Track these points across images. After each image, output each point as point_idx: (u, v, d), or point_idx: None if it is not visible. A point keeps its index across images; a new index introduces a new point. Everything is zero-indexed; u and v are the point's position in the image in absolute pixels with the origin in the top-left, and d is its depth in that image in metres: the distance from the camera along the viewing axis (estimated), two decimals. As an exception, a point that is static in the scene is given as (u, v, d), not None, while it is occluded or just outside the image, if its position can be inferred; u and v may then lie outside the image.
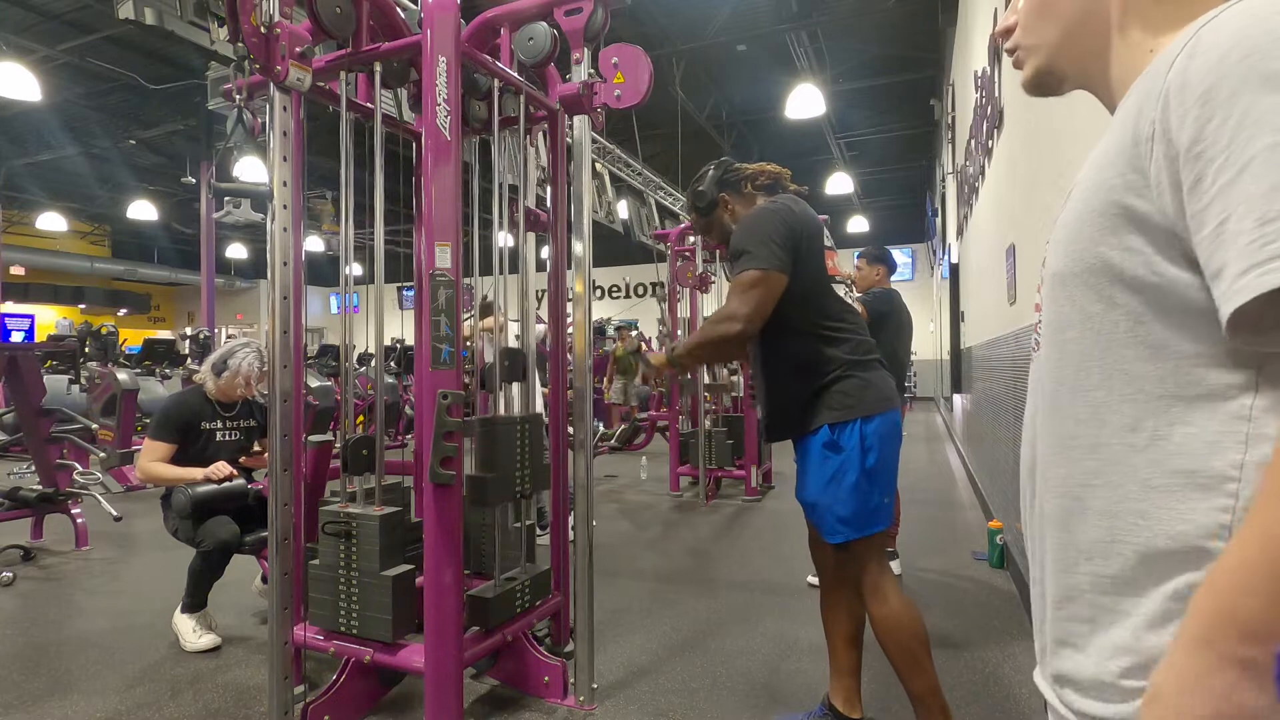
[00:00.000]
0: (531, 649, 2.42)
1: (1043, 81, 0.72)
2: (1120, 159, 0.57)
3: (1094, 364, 0.61)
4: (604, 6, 2.12)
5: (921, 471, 6.97)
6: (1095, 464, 0.61)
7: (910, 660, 1.87)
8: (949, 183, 8.73)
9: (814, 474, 1.91)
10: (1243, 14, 0.50)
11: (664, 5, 7.56)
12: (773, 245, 1.85)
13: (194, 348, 10.43)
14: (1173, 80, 0.52)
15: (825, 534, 1.92)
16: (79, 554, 4.20)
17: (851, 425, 1.88)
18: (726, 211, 2.13)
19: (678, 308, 6.12)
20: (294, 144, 2.05)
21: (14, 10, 7.73)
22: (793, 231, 1.89)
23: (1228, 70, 0.49)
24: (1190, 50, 0.52)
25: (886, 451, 1.92)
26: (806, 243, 1.92)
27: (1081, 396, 0.62)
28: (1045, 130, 2.86)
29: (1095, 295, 0.60)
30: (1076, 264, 0.61)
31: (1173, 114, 0.52)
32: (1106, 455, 0.60)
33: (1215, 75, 0.50)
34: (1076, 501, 0.63)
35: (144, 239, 18.39)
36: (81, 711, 2.34)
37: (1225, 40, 0.50)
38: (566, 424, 2.58)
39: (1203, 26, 0.52)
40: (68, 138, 11.65)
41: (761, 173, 2.11)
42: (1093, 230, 0.59)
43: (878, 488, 1.90)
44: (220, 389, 3.02)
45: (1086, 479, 0.62)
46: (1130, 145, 0.56)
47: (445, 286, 1.99)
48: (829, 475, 1.88)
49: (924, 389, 16.57)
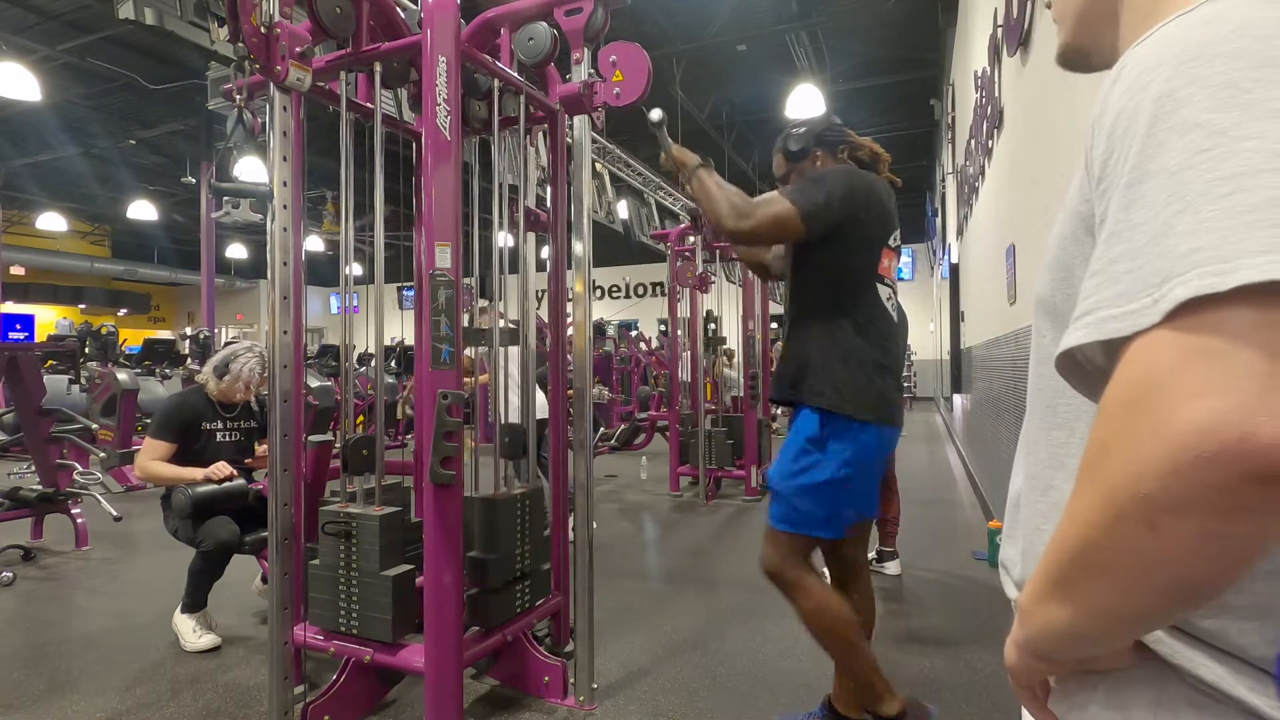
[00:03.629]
0: (531, 649, 2.41)
1: (1069, 57, 0.65)
2: (1080, 179, 0.53)
3: (1061, 401, 0.57)
4: (604, 6, 2.12)
5: (921, 471, 6.97)
6: (1045, 507, 0.58)
7: (843, 644, 1.85)
8: (949, 183, 8.73)
9: (790, 463, 1.87)
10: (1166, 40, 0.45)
11: (664, 5, 7.56)
12: (822, 196, 1.79)
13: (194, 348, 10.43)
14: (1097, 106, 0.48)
15: (773, 517, 1.89)
16: (79, 554, 4.20)
17: (844, 425, 1.82)
18: (814, 167, 2.01)
19: (677, 308, 6.12)
20: (294, 144, 2.05)
21: (14, 10, 7.72)
22: (852, 201, 1.82)
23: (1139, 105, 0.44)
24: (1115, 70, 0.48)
25: (868, 466, 1.88)
26: (861, 225, 1.84)
27: (1045, 435, 0.59)
28: (1045, 130, 2.86)
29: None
30: (1056, 293, 0.56)
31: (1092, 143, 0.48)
32: (1055, 500, 0.56)
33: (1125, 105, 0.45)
34: (1030, 544, 0.59)
35: (144, 239, 18.38)
36: (81, 711, 2.34)
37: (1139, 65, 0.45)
38: (567, 424, 2.58)
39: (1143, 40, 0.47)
40: (68, 138, 11.64)
41: (863, 146, 2.03)
42: (1067, 257, 0.54)
43: (845, 499, 1.86)
44: (221, 391, 3.03)
45: (1039, 522, 0.58)
46: (1083, 167, 0.52)
47: (445, 286, 1.99)
48: (802, 469, 1.84)
49: (924, 389, 16.57)
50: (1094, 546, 0.40)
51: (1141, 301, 0.39)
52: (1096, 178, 0.47)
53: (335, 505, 2.15)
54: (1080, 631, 0.45)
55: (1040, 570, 0.46)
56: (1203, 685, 0.45)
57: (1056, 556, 0.44)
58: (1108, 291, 0.42)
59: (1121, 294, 0.41)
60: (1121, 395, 0.40)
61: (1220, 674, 0.44)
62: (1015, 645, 0.52)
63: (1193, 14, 0.44)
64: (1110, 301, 0.41)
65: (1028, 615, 0.48)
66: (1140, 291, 0.40)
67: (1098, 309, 0.42)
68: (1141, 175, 0.42)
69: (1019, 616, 0.50)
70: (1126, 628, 0.45)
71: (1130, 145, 0.43)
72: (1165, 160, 0.41)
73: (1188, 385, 0.36)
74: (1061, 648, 0.48)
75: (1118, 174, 0.44)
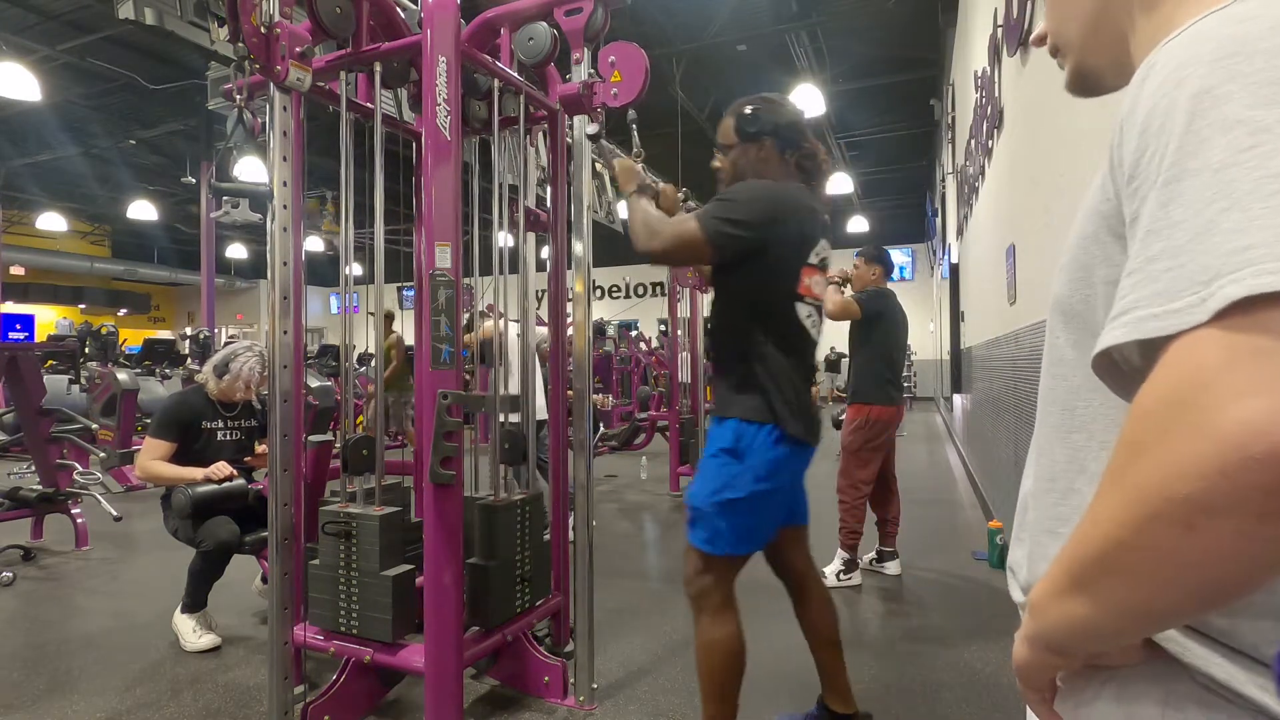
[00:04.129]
0: (531, 649, 2.41)
1: (1082, 83, 0.64)
2: (1103, 177, 0.52)
3: (1080, 403, 0.56)
4: (604, 6, 2.11)
5: (921, 471, 6.97)
6: (1067, 511, 0.57)
7: (718, 691, 1.80)
8: (949, 183, 8.73)
9: (709, 480, 1.80)
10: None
11: (664, 5, 7.56)
12: (731, 221, 1.74)
13: (194, 348, 10.44)
14: (1125, 104, 0.47)
15: (696, 539, 1.82)
16: (79, 554, 4.20)
17: (763, 439, 1.76)
18: (757, 155, 1.89)
19: (677, 308, 6.12)
20: (294, 144, 2.05)
21: (14, 10, 7.73)
22: (770, 224, 1.76)
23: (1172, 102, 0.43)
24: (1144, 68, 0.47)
25: (786, 481, 1.83)
26: (778, 246, 1.78)
27: (1061, 439, 0.58)
28: (1045, 130, 2.86)
29: (1090, 329, 0.54)
30: (1075, 294, 0.55)
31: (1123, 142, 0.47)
32: (1077, 504, 0.56)
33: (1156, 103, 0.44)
34: (1039, 547, 0.60)
35: (144, 239, 18.38)
36: (81, 711, 2.34)
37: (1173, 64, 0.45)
38: (567, 424, 2.58)
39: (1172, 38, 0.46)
40: (68, 138, 11.65)
41: (815, 155, 1.93)
42: (1087, 257, 0.53)
43: (766, 513, 1.82)
44: (222, 391, 3.03)
45: (1052, 525, 0.58)
46: (1107, 166, 0.50)
47: (445, 286, 1.99)
48: (723, 483, 1.77)
49: (924, 389, 16.58)
50: (1123, 546, 0.40)
51: (1187, 300, 0.38)
52: (1127, 176, 0.46)
53: (335, 505, 2.15)
54: (1098, 628, 0.45)
55: (1059, 567, 0.46)
56: (1214, 684, 0.45)
57: (1078, 553, 0.44)
58: (1146, 290, 0.41)
59: (1161, 292, 0.40)
60: (1162, 395, 0.39)
61: (1232, 672, 0.44)
62: (1026, 640, 0.52)
63: (1224, 11, 0.44)
64: (1149, 300, 0.41)
65: (1041, 610, 0.48)
66: (1184, 290, 0.39)
67: (1135, 308, 0.41)
68: (1180, 173, 0.41)
69: (1030, 610, 0.49)
70: (1147, 625, 0.45)
71: (1167, 142, 0.42)
72: (1208, 157, 0.40)
73: (1237, 385, 0.35)
74: (1075, 642, 0.48)
75: (1153, 171, 0.43)
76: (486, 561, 2.22)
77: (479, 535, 2.25)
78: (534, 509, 2.36)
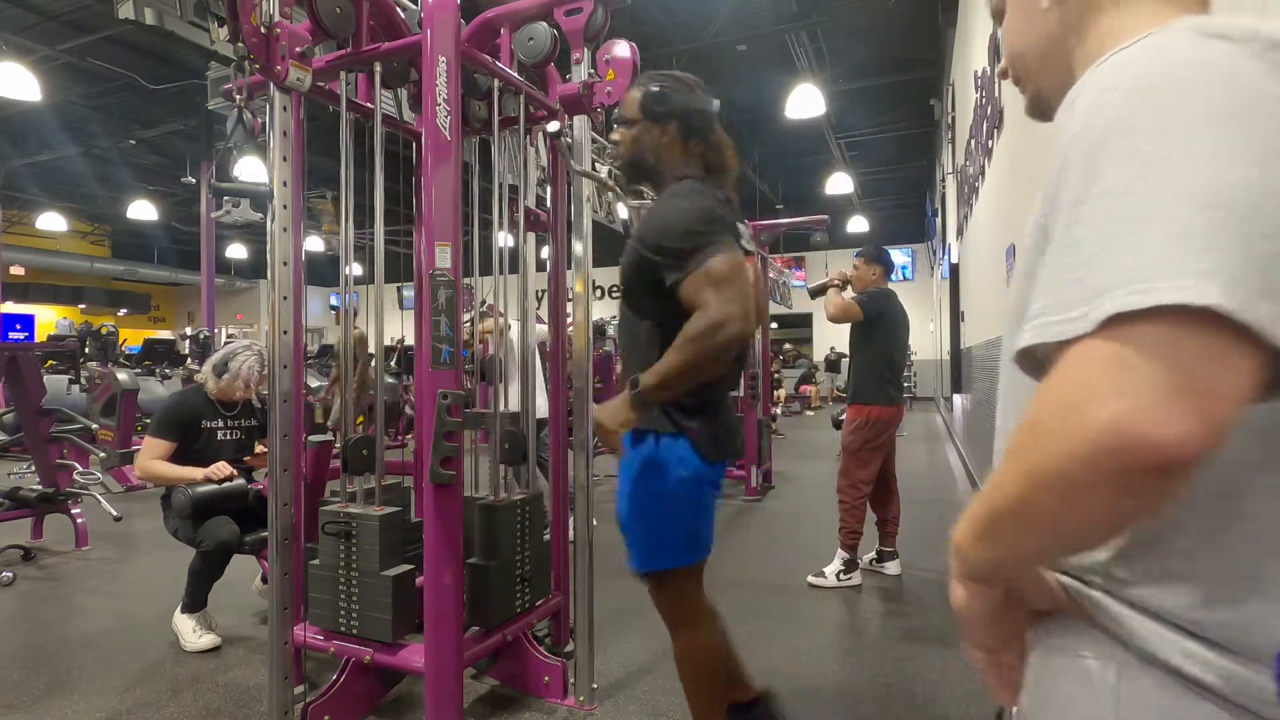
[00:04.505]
0: (531, 649, 2.42)
1: (1039, 108, 0.73)
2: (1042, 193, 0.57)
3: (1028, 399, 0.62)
4: (604, 6, 2.12)
5: (921, 471, 6.97)
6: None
7: (706, 695, 1.75)
8: (949, 183, 8.74)
9: (635, 496, 1.71)
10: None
11: (664, 5, 7.55)
12: (724, 229, 1.60)
13: (194, 348, 10.44)
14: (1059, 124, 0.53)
15: (642, 562, 1.72)
16: (79, 554, 4.20)
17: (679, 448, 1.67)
18: (661, 139, 1.74)
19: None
20: (294, 144, 2.05)
21: (14, 10, 7.72)
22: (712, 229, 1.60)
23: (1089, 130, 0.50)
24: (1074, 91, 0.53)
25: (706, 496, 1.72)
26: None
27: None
28: (1045, 130, 2.85)
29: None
30: (1022, 298, 0.58)
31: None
32: None
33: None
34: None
35: (144, 239, 18.38)
36: (81, 711, 2.34)
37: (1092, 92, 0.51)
38: (567, 424, 2.58)
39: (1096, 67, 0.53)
40: (68, 138, 11.64)
41: (722, 150, 1.78)
42: (1030, 265, 0.57)
43: (700, 515, 1.71)
44: (221, 390, 3.03)
45: None
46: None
47: (445, 286, 1.99)
48: (651, 494, 1.68)
49: (924, 389, 16.56)
50: (1020, 503, 0.49)
51: (1080, 310, 0.46)
52: (1052, 193, 0.53)
53: (335, 505, 2.15)
54: (1004, 562, 0.56)
55: (972, 518, 0.55)
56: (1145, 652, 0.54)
57: (988, 509, 0.53)
58: (1052, 299, 0.48)
59: (1063, 302, 0.47)
60: (1054, 390, 0.47)
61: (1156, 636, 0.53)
62: (956, 578, 0.62)
63: (1145, 42, 0.51)
64: (1053, 308, 0.48)
65: (962, 552, 0.58)
66: (1078, 301, 0.46)
67: (1043, 314, 0.49)
68: (1085, 196, 0.48)
69: (954, 552, 0.59)
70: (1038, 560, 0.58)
71: (1080, 167, 0.49)
72: (1106, 184, 0.47)
73: (1104, 388, 0.43)
74: (989, 572, 0.59)
75: (1067, 192, 0.50)
76: (486, 561, 2.23)
77: (479, 535, 2.25)
78: (534, 509, 2.36)
